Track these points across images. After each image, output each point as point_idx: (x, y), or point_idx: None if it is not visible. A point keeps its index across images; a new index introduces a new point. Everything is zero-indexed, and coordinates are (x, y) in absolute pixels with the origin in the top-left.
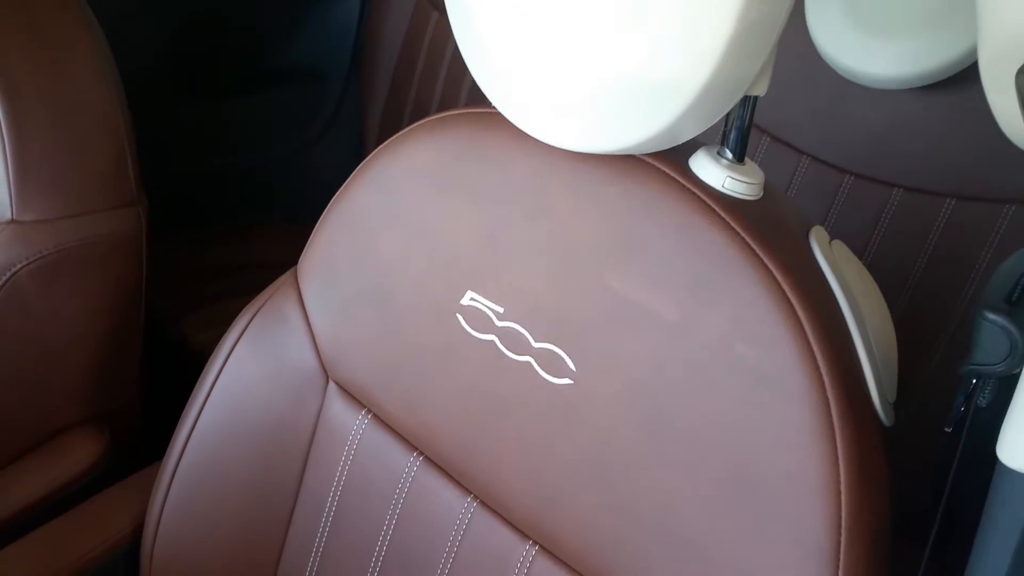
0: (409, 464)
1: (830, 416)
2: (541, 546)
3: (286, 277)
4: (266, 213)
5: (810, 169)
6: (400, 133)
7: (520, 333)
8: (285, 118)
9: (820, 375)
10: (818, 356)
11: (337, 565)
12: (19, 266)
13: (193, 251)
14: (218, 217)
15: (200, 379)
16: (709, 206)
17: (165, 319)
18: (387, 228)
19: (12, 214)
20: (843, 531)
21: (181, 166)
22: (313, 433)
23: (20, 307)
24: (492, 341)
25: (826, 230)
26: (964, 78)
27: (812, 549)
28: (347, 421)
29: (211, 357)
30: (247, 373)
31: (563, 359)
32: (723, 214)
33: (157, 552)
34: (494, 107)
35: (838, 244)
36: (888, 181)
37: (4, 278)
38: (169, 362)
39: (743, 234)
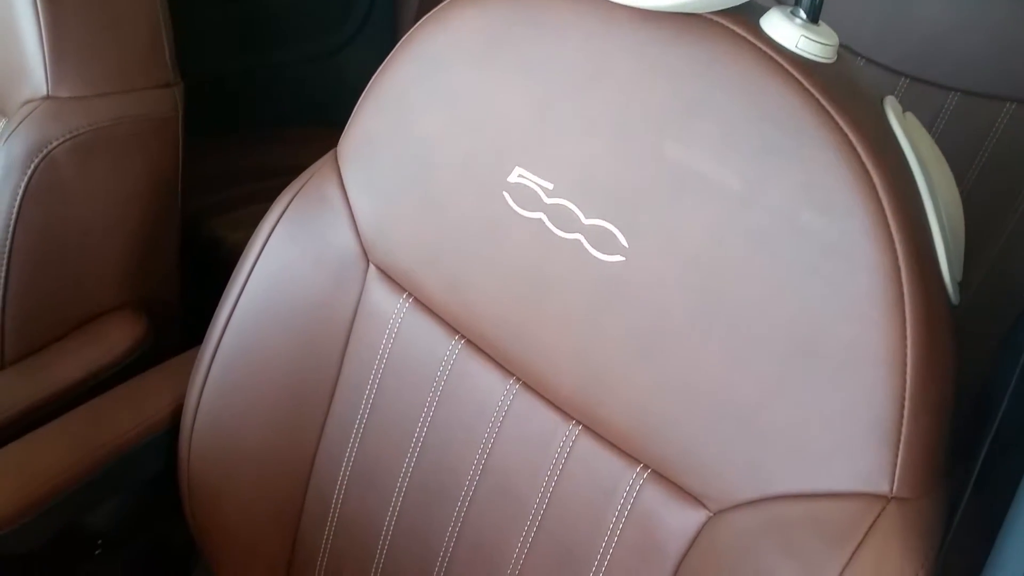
0: (450, 348)
1: (900, 286)
2: (585, 426)
3: (326, 159)
4: (299, 116)
5: (865, 71)
6: (445, 3)
7: (570, 210)
8: (317, 16)
9: (893, 243)
10: (892, 224)
11: (377, 447)
12: (55, 143)
13: (225, 153)
14: (251, 120)
15: (240, 261)
16: (782, 66)
17: (198, 218)
18: (431, 104)
19: (47, 90)
20: (907, 404)
21: (212, 64)
22: (353, 317)
23: (57, 186)
24: (540, 219)
25: None
26: None
27: (873, 422)
28: (387, 305)
29: (250, 239)
30: (286, 256)
31: (615, 235)
32: (797, 75)
33: (196, 432)
34: None
35: (911, 116)
36: (944, 84)
37: (40, 155)
38: (203, 261)
39: (818, 96)
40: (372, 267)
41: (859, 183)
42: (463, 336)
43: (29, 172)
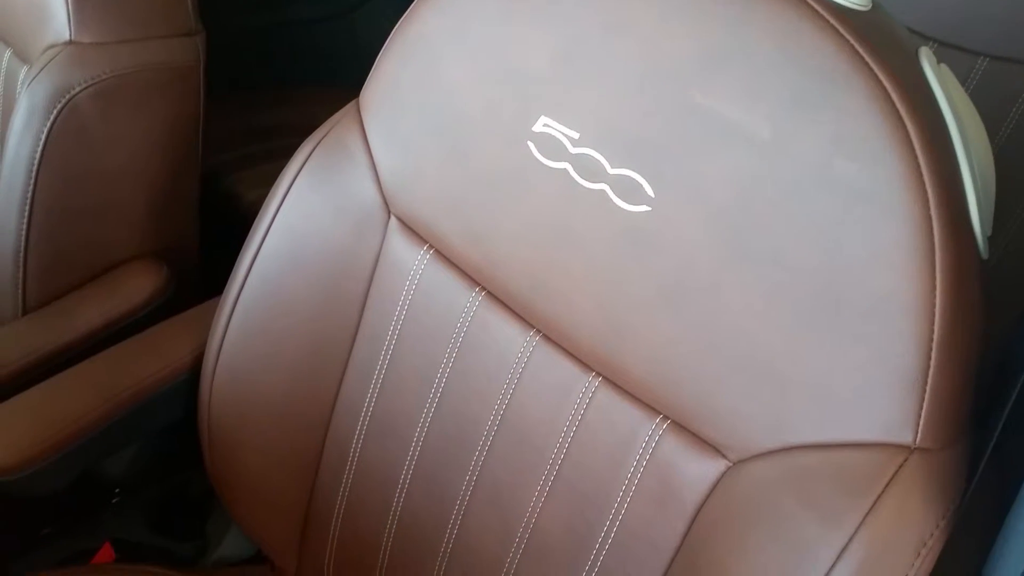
0: (471, 300)
1: (931, 235)
2: (604, 378)
3: (348, 108)
4: (317, 76)
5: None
6: None
7: (595, 159)
8: None
9: (925, 192)
10: (924, 172)
11: (395, 396)
12: (78, 89)
13: (243, 112)
14: (268, 78)
15: (261, 211)
16: (817, 12)
17: (216, 174)
18: (455, 52)
19: (70, 35)
20: (934, 353)
21: (230, 20)
22: (374, 268)
23: (80, 132)
24: (565, 169)
25: None
26: None
27: (898, 371)
28: (408, 257)
29: (272, 188)
30: (307, 205)
31: (641, 185)
32: (832, 21)
33: (217, 380)
34: None
35: (945, 68)
36: (973, 49)
37: (63, 100)
38: (220, 216)
39: (854, 43)
40: (393, 218)
41: (893, 131)
42: (483, 288)
43: (52, 117)
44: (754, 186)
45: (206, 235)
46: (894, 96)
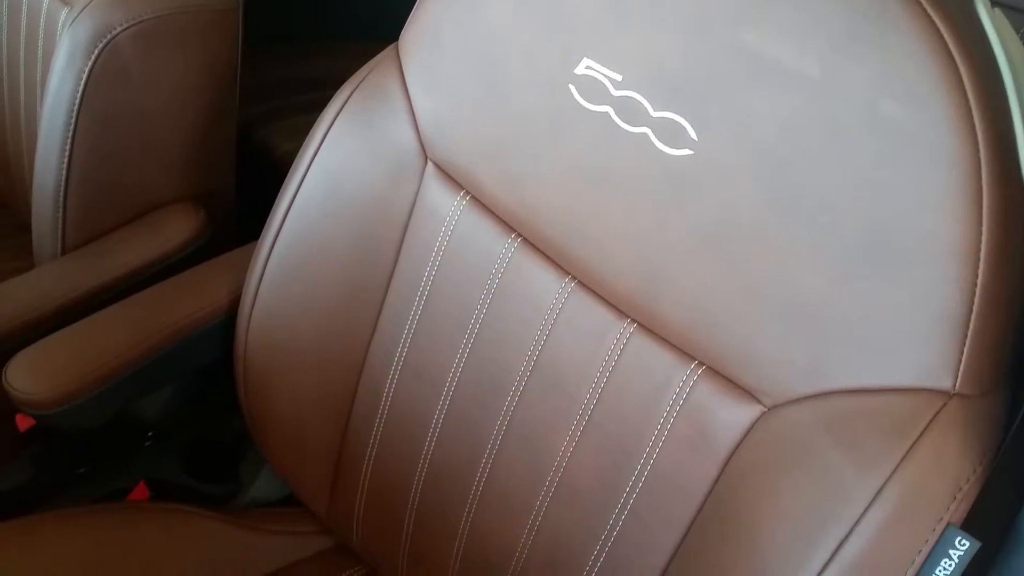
0: (506, 246)
1: (979, 179)
2: (640, 324)
3: (387, 52)
4: (354, 29)
5: None
6: None
7: (638, 102)
8: None
9: (975, 135)
10: (975, 114)
11: (429, 341)
12: (119, 29)
13: (280, 63)
14: (305, 30)
15: (299, 154)
16: None
17: (251, 126)
18: None
19: None
20: (977, 298)
21: None
22: (410, 213)
23: (120, 72)
24: (606, 112)
25: None
26: None
27: (940, 315)
28: (444, 203)
29: (310, 132)
30: (345, 149)
31: (684, 128)
32: None
33: (253, 322)
34: None
35: (999, 13)
36: (1018, 8)
37: (104, 41)
38: (254, 166)
39: None
40: (430, 164)
41: (944, 73)
42: (519, 235)
43: (93, 57)
44: (801, 127)
45: (238, 185)
46: (946, 36)
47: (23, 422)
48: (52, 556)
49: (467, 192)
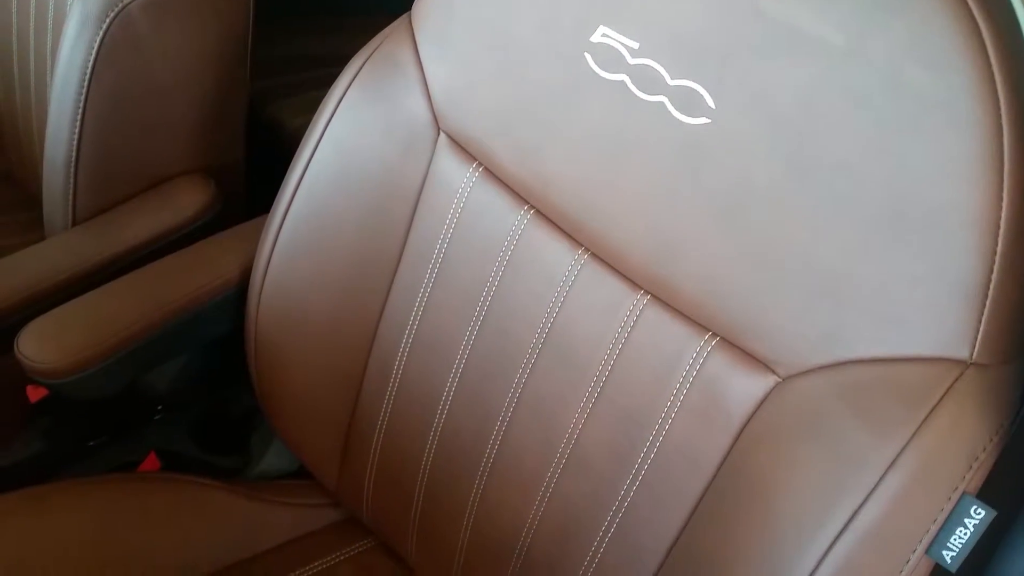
0: (519, 218)
1: (1001, 146)
2: (653, 296)
3: (400, 22)
4: (366, 5)
5: None
6: None
7: (655, 70)
8: None
9: (997, 101)
10: (998, 81)
11: (440, 314)
12: None
13: (291, 38)
14: (316, 6)
15: (311, 125)
16: None
17: (261, 101)
18: None
19: None
20: (996, 267)
21: None
22: (422, 185)
23: (132, 43)
24: (622, 81)
25: None
26: None
27: (959, 285)
28: (457, 175)
29: (322, 102)
30: (357, 120)
31: (701, 96)
32: None
33: (265, 294)
34: None
35: None
36: None
37: (116, 10)
38: (264, 141)
39: None
40: (442, 135)
41: (967, 39)
42: (532, 206)
43: (104, 27)
44: (821, 95)
45: (248, 160)
46: (970, 1)
47: (34, 393)
48: (63, 524)
49: (479, 163)
